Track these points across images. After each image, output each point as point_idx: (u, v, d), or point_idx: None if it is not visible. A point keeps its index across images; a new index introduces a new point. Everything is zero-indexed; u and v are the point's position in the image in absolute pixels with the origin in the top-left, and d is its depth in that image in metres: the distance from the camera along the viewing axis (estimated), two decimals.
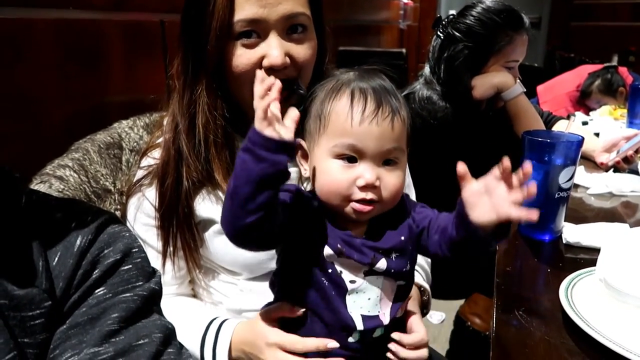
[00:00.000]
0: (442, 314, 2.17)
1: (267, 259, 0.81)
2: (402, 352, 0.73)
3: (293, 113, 0.64)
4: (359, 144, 0.66)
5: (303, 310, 0.70)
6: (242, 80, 0.78)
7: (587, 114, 2.40)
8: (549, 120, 1.67)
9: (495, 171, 0.61)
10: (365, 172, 0.66)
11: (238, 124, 0.82)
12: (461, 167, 0.63)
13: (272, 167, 0.60)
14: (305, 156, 0.73)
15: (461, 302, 1.88)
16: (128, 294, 0.51)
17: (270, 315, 0.73)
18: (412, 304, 0.82)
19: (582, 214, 1.11)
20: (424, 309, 0.92)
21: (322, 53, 0.85)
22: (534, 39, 1.48)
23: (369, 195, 0.66)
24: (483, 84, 1.40)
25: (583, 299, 0.73)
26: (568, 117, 1.46)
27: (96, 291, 0.50)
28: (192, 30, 0.78)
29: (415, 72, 1.68)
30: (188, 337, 0.78)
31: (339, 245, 0.68)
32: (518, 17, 1.40)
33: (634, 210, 1.17)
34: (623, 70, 2.67)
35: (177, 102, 0.82)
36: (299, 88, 0.79)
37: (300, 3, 0.78)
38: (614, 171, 1.39)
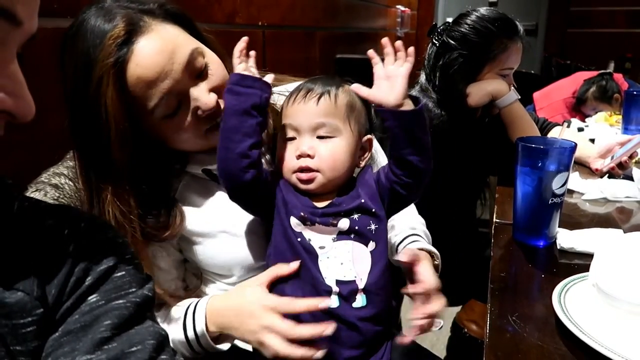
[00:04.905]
0: (440, 321, 2.16)
1: (253, 256, 0.85)
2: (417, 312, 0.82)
3: (252, 52, 0.81)
4: (293, 121, 0.81)
5: (298, 261, 0.77)
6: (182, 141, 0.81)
7: (583, 120, 2.41)
8: (545, 126, 1.67)
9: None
10: (300, 144, 0.80)
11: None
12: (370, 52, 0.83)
13: (249, 99, 0.76)
14: None
15: (458, 308, 1.88)
16: (121, 301, 0.50)
17: (262, 279, 0.78)
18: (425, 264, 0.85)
19: (577, 220, 1.11)
20: (437, 272, 0.93)
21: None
22: (529, 46, 1.49)
23: (305, 163, 0.79)
24: (478, 92, 1.41)
25: (576, 304, 0.73)
26: (563, 124, 1.47)
27: (89, 298, 0.50)
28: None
29: (412, 80, 1.68)
30: (173, 334, 0.79)
31: (302, 214, 0.78)
32: (512, 25, 1.41)
33: (628, 216, 1.18)
34: (618, 76, 2.68)
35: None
36: None
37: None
38: (609, 177, 1.39)
